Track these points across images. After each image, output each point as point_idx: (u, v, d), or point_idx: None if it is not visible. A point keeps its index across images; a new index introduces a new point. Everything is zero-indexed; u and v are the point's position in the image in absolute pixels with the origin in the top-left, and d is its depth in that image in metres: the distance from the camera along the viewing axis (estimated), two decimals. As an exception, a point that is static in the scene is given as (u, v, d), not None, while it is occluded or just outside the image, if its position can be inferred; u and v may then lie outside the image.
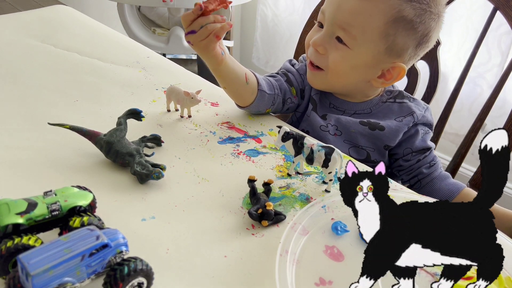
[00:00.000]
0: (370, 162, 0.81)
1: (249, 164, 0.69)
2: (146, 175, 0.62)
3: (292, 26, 2.20)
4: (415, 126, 0.81)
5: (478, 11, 1.55)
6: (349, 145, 0.81)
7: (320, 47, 0.77)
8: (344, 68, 0.77)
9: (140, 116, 0.68)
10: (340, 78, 0.79)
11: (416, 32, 0.73)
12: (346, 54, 0.75)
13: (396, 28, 0.72)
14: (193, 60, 2.22)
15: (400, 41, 0.74)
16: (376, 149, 0.81)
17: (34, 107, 0.78)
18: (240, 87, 0.77)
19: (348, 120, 0.81)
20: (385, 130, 0.80)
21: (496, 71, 1.57)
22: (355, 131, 0.80)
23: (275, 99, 0.81)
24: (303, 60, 0.90)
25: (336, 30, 0.75)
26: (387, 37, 0.73)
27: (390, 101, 0.84)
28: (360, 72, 0.78)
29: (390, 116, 0.82)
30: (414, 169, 0.82)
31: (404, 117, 0.81)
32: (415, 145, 0.81)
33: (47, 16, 1.15)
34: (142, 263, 0.45)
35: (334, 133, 0.81)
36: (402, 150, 0.82)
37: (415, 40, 0.75)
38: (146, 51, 1.03)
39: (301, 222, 0.55)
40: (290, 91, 0.84)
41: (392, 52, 0.75)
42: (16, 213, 0.47)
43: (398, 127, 0.80)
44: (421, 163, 0.81)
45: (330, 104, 0.85)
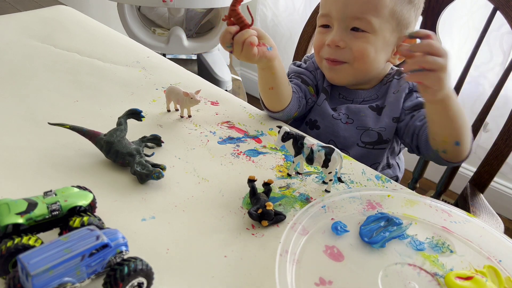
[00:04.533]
0: (382, 143, 0.83)
1: (249, 164, 0.69)
2: (146, 175, 0.62)
3: (292, 26, 2.20)
4: (411, 92, 0.84)
5: (479, 11, 1.55)
6: (361, 131, 0.83)
7: (340, 42, 0.79)
8: (370, 53, 0.79)
9: (140, 116, 0.68)
10: (367, 64, 0.81)
11: (414, 4, 0.80)
12: (368, 39, 0.79)
13: (401, 3, 0.78)
14: (193, 60, 2.22)
15: (406, 14, 0.79)
16: (385, 127, 0.82)
17: (34, 107, 0.78)
18: (286, 86, 0.79)
19: (358, 107, 0.84)
20: (386, 106, 0.83)
21: (497, 70, 1.57)
22: (364, 114, 0.83)
23: (301, 101, 0.84)
24: (309, 58, 0.92)
25: (350, 22, 0.78)
26: (396, 14, 0.78)
27: (389, 81, 0.87)
28: (383, 53, 0.81)
29: (389, 92, 0.85)
30: (410, 127, 0.81)
31: (400, 87, 0.84)
32: (407, 104, 0.83)
33: (47, 16, 1.15)
34: (142, 263, 0.45)
35: (346, 122, 0.84)
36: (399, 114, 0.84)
37: (414, 12, 0.81)
38: (146, 51, 1.03)
39: (301, 222, 0.54)
40: (308, 91, 0.87)
41: (402, 27, 0.80)
42: (16, 213, 0.47)
43: (397, 97, 0.83)
44: (414, 118, 0.81)
45: (339, 94, 0.88)
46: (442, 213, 0.59)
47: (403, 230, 0.56)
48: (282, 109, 0.80)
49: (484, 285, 0.48)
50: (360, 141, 0.83)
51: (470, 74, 1.05)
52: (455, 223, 0.58)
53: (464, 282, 0.49)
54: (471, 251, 0.55)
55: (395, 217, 0.57)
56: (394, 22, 0.79)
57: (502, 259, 0.53)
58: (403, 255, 0.53)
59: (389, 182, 0.68)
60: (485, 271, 0.51)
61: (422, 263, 0.52)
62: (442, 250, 0.54)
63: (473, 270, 0.52)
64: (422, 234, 0.56)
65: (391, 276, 0.50)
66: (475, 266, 0.52)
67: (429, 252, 0.54)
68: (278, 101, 0.80)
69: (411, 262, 0.52)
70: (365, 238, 0.54)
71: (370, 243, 0.54)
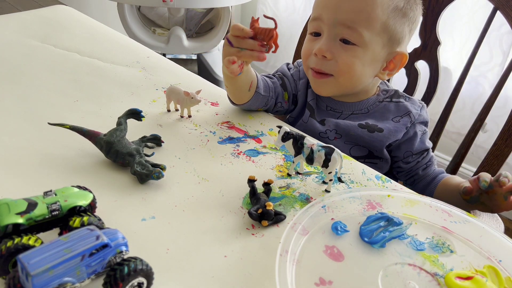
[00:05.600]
0: (373, 158, 0.82)
1: (249, 164, 0.69)
2: (146, 175, 0.62)
3: (292, 26, 2.21)
4: (413, 126, 0.82)
5: (479, 11, 1.55)
6: (351, 145, 0.82)
7: (327, 52, 0.76)
8: (357, 68, 0.77)
9: (140, 116, 0.68)
10: (353, 78, 0.79)
11: (408, 18, 0.77)
12: (356, 53, 0.76)
13: (394, 17, 0.75)
14: (193, 60, 2.22)
15: (399, 29, 0.77)
16: (376, 150, 0.82)
17: (34, 107, 0.78)
18: (241, 92, 0.78)
19: (347, 124, 0.81)
20: (384, 131, 0.80)
21: (497, 71, 1.57)
22: (354, 134, 0.81)
23: (268, 101, 0.82)
24: (297, 66, 0.90)
25: (340, 31, 0.75)
26: (388, 28, 0.75)
27: (386, 101, 0.84)
28: (371, 68, 0.79)
29: (388, 116, 0.83)
30: (412, 171, 0.84)
31: (401, 117, 0.82)
32: (415, 147, 0.83)
33: (47, 16, 1.15)
34: (142, 263, 0.45)
35: (334, 137, 0.82)
36: (403, 153, 0.83)
37: (409, 27, 0.78)
38: (146, 51, 1.03)
39: (301, 222, 0.54)
40: (282, 95, 0.85)
41: (394, 42, 0.78)
42: (16, 213, 0.47)
43: (396, 127, 0.81)
44: (419, 164, 0.83)
45: (327, 107, 0.85)
46: (442, 213, 0.59)
47: (403, 230, 0.56)
48: (239, 103, 0.81)
49: (484, 285, 0.48)
50: (350, 154, 0.80)
51: (470, 74, 1.05)
52: (455, 223, 0.58)
53: (464, 282, 0.49)
54: (471, 251, 0.55)
55: (395, 217, 0.57)
56: (385, 37, 0.76)
57: (502, 259, 0.53)
58: (403, 255, 0.53)
59: (389, 182, 0.68)
60: (485, 271, 0.51)
61: (422, 263, 0.52)
62: (442, 250, 0.54)
63: (473, 270, 0.52)
64: (422, 234, 0.56)
65: (391, 276, 0.50)
66: (475, 266, 0.52)
67: (429, 252, 0.54)
68: (232, 97, 0.81)
69: (411, 262, 0.52)
70: (365, 238, 0.54)
71: (370, 243, 0.54)
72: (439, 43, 1.02)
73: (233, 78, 0.73)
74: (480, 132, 1.00)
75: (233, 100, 0.81)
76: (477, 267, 0.52)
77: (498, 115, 1.55)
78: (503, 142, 0.92)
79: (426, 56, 1.05)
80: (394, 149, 0.82)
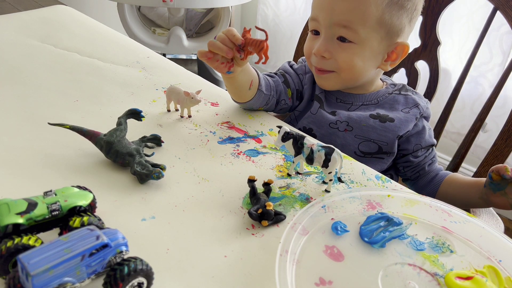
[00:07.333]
0: (382, 153, 0.83)
1: (249, 164, 0.69)
2: (146, 175, 0.62)
3: (293, 25, 2.20)
4: (421, 119, 0.84)
5: (479, 11, 1.55)
6: (360, 140, 0.82)
7: (325, 52, 0.78)
8: (356, 64, 0.79)
9: (140, 116, 0.68)
10: (355, 74, 0.81)
11: (406, 9, 0.78)
12: (354, 51, 0.77)
13: (390, 11, 0.76)
14: (193, 60, 2.22)
15: (396, 21, 0.77)
16: (387, 142, 0.82)
17: (34, 107, 0.78)
18: (242, 91, 0.79)
19: (359, 115, 0.82)
20: (395, 121, 0.81)
21: (497, 71, 1.57)
22: (366, 125, 0.81)
23: (270, 99, 0.83)
24: (302, 62, 0.91)
25: (336, 30, 0.77)
26: (384, 22, 0.76)
27: (395, 93, 0.86)
28: (371, 62, 0.80)
29: (397, 107, 0.84)
30: (420, 165, 0.85)
31: (410, 108, 0.83)
32: (424, 140, 0.84)
33: (47, 16, 1.15)
34: (142, 263, 0.45)
35: (345, 129, 0.82)
36: (412, 146, 0.84)
37: (408, 17, 0.79)
38: (146, 51, 1.03)
39: (301, 222, 0.54)
40: (286, 92, 0.86)
41: (393, 34, 0.78)
42: (16, 213, 0.47)
43: (407, 117, 0.82)
44: (426, 159, 0.85)
45: (337, 99, 0.86)
46: (442, 213, 0.59)
47: (403, 230, 0.56)
48: (241, 102, 0.81)
49: (484, 285, 0.48)
50: (358, 150, 0.81)
51: (470, 74, 1.06)
52: (455, 223, 0.58)
53: (464, 282, 0.49)
54: (471, 251, 0.55)
55: (395, 217, 0.57)
56: (382, 31, 0.77)
57: (502, 259, 0.53)
58: (403, 255, 0.53)
59: (389, 182, 0.68)
60: (485, 271, 0.51)
61: (422, 263, 0.52)
62: (442, 250, 0.54)
63: (473, 270, 0.52)
64: (422, 234, 0.56)
65: (391, 276, 0.50)
66: (475, 266, 0.52)
67: (429, 252, 0.54)
68: (234, 96, 0.81)
69: (411, 262, 0.52)
70: (365, 238, 0.54)
71: (370, 243, 0.54)
72: (439, 43, 1.03)
73: (230, 78, 0.74)
74: (480, 132, 1.00)
75: (235, 99, 0.82)
76: (477, 267, 0.52)
77: (498, 115, 1.55)
78: (503, 142, 0.92)
79: (426, 56, 1.05)
80: (404, 142, 0.83)
